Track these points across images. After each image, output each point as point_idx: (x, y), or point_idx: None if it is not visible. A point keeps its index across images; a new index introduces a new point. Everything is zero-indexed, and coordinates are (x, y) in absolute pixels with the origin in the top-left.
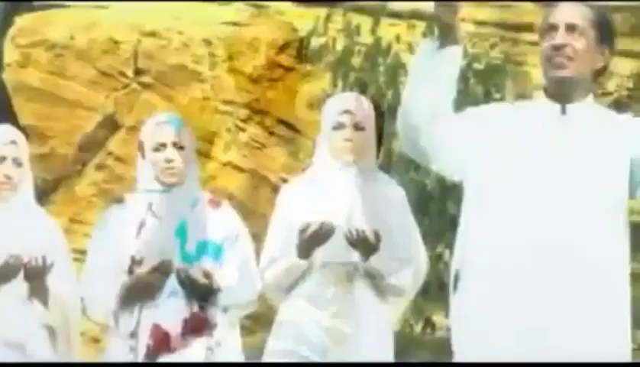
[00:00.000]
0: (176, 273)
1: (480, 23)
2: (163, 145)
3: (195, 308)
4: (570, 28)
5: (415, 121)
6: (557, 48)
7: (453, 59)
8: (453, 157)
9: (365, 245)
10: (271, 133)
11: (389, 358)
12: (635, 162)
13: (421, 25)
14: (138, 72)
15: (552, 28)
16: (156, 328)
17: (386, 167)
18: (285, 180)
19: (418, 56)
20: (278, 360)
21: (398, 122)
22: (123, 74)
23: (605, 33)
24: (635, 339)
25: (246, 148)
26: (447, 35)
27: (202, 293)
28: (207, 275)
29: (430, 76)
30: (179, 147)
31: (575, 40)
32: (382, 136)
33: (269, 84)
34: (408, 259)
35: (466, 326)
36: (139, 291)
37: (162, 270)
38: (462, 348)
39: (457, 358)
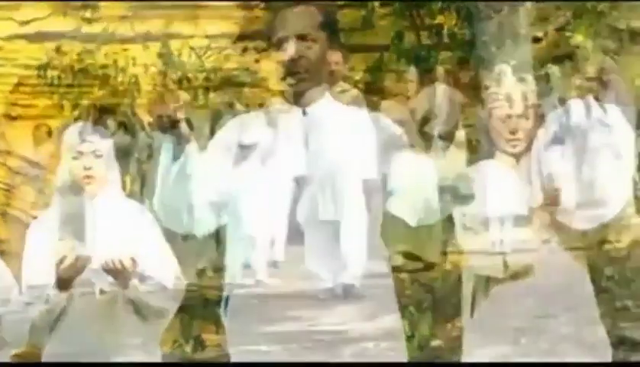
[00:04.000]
0: None
1: (210, 36)
2: None
3: None
4: (301, 38)
5: (172, 208)
6: (292, 61)
7: (192, 153)
8: (210, 212)
9: (122, 272)
10: (17, 173)
11: None
12: (442, 188)
13: (156, 45)
14: None
15: (283, 40)
16: None
17: (140, 190)
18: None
19: (161, 163)
20: None
21: (156, 209)
22: None
23: (334, 31)
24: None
25: None
26: (178, 136)
27: None
28: None
29: (178, 178)
30: None
31: (308, 49)
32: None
33: (8, 124)
34: (166, 280)
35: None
36: None
37: None
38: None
39: None
